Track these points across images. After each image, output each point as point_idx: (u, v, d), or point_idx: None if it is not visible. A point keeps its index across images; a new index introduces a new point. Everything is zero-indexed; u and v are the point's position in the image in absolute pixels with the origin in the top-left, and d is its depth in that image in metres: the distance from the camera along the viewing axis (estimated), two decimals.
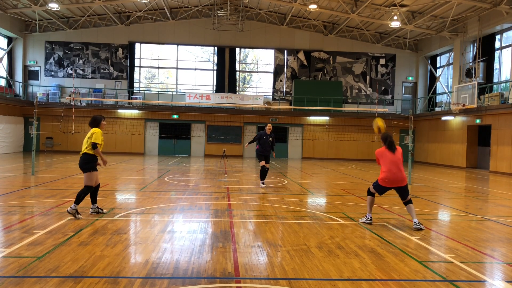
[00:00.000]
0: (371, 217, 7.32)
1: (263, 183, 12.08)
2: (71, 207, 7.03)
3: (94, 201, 7.50)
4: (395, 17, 23.01)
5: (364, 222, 7.31)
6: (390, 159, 7.04)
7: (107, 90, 28.10)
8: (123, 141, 27.46)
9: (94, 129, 7.29)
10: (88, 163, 7.20)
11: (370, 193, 7.36)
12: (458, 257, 5.42)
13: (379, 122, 7.98)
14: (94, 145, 7.14)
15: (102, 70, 28.65)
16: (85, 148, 7.22)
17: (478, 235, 6.77)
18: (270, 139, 12.05)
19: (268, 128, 12.06)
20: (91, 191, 7.33)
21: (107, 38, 28.52)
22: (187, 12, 28.07)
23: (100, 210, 7.52)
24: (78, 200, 7.05)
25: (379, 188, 7.19)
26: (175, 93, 29.00)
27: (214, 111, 28.09)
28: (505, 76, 22.20)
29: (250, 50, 30.33)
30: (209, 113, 28.05)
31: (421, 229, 6.86)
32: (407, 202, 7.08)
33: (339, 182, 14.31)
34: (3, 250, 5.17)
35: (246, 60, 31.00)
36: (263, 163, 11.93)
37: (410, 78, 29.99)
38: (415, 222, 6.95)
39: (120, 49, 28.62)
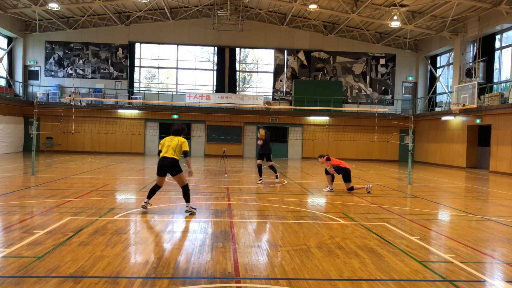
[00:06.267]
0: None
1: None
2: (187, 207, 7.72)
3: (150, 196, 7.97)
4: (395, 17, 23.01)
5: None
6: None
7: (107, 90, 28.09)
8: (123, 141, 27.46)
9: (182, 138, 7.89)
10: (178, 165, 7.73)
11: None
12: (458, 257, 5.42)
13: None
14: (186, 153, 7.82)
15: (102, 70, 28.64)
16: (173, 154, 7.66)
17: (478, 235, 6.77)
18: None
19: None
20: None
21: (107, 38, 28.52)
22: (187, 12, 28.07)
23: (146, 205, 7.90)
24: (188, 198, 7.79)
25: None
26: (175, 93, 29.00)
27: (214, 111, 28.09)
28: (505, 76, 22.20)
29: (250, 50, 30.32)
30: (209, 113, 28.05)
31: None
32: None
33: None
34: (3, 250, 5.16)
35: (246, 60, 30.99)
36: None
37: (410, 78, 29.99)
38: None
39: (120, 49, 28.62)
